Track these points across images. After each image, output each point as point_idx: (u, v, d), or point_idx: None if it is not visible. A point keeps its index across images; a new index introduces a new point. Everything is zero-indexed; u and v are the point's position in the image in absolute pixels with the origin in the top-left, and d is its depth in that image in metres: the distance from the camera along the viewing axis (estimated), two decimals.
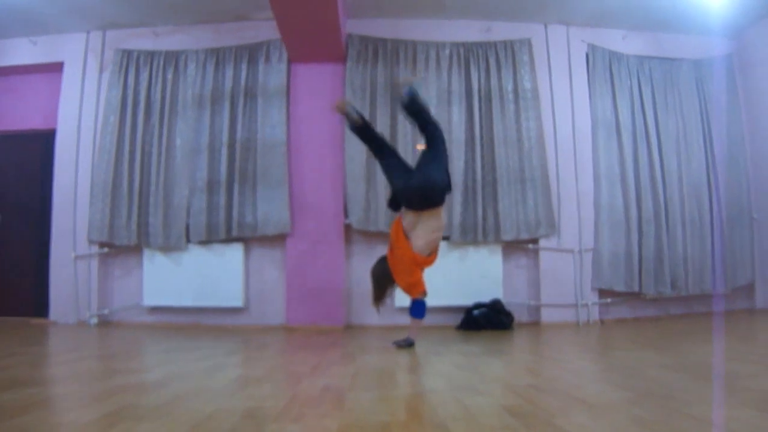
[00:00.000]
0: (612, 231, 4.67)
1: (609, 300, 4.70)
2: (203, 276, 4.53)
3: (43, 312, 4.71)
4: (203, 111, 4.66)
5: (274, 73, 4.65)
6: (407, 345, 3.09)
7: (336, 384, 2.02)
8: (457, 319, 4.39)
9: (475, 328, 4.23)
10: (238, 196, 4.54)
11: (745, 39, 5.10)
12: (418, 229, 3.05)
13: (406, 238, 3.09)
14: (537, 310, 4.65)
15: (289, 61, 4.66)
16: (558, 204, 4.68)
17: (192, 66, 4.74)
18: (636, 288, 4.66)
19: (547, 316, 4.60)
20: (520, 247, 4.67)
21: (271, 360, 2.72)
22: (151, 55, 4.79)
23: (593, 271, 4.65)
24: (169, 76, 4.75)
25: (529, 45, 4.76)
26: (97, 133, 4.74)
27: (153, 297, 4.58)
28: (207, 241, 4.56)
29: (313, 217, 4.53)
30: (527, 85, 4.68)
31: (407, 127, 4.53)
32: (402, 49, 4.67)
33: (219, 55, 4.74)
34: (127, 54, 4.80)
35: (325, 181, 4.57)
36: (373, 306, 3.26)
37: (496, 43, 4.73)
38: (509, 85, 4.67)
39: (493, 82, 4.66)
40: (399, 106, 3.45)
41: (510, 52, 4.72)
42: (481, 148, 4.60)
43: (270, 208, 4.49)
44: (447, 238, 4.48)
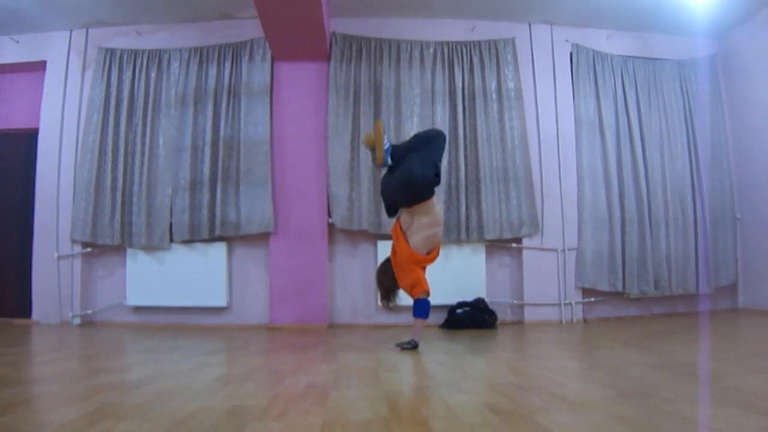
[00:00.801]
0: (595, 230, 4.69)
1: (592, 299, 4.72)
2: (186, 275, 4.52)
3: (26, 312, 4.68)
4: (186, 110, 4.64)
5: (257, 72, 4.63)
6: (411, 347, 2.98)
7: (319, 382, 2.02)
8: (440, 317, 4.39)
9: (458, 326, 4.24)
10: (221, 195, 4.52)
11: (729, 40, 5.13)
12: (414, 226, 3.03)
13: (405, 238, 3.06)
14: (520, 309, 4.66)
15: (273, 60, 4.65)
16: (541, 203, 4.69)
17: (175, 64, 4.72)
18: (619, 287, 4.68)
19: (530, 315, 4.61)
20: (504, 246, 4.68)
21: (254, 359, 2.72)
22: (135, 53, 4.77)
23: (576, 271, 4.67)
24: (153, 75, 4.73)
25: (513, 44, 4.76)
26: (80, 132, 4.71)
27: (136, 297, 4.56)
28: (190, 240, 4.54)
29: (296, 216, 4.52)
30: (511, 84, 4.69)
31: (390, 127, 4.52)
32: (386, 48, 4.67)
33: (202, 54, 4.72)
34: (110, 52, 4.77)
35: (309, 180, 4.56)
36: (382, 306, 3.25)
37: (480, 43, 4.73)
38: (493, 85, 4.67)
39: (477, 81, 4.66)
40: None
41: (494, 52, 4.73)
42: (465, 148, 4.60)
43: (253, 207, 4.48)
44: None
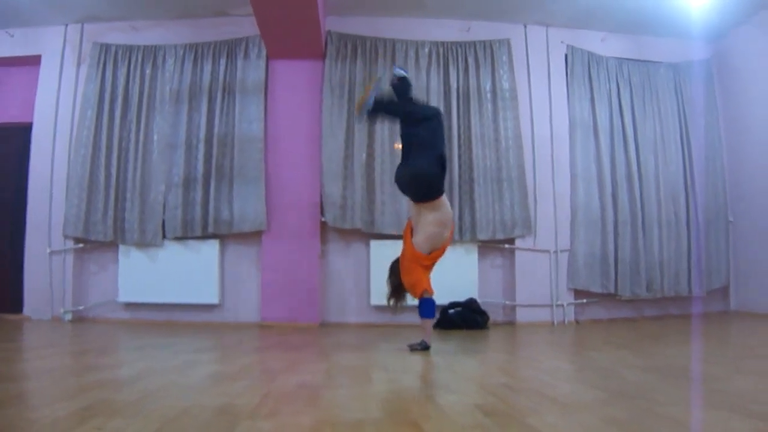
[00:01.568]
0: (588, 232, 4.69)
1: (584, 300, 4.72)
2: (179, 272, 4.51)
3: (18, 307, 4.67)
4: (181, 106, 4.64)
5: (252, 69, 4.63)
6: (422, 348, 2.91)
7: (310, 381, 2.02)
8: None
9: (450, 327, 4.24)
10: (214, 193, 4.51)
11: (724, 44, 5.14)
12: (420, 223, 2.98)
13: (411, 236, 3.02)
14: (512, 309, 4.66)
15: (268, 58, 4.64)
16: (534, 204, 4.69)
17: (170, 61, 4.72)
18: (611, 289, 4.68)
19: (522, 315, 4.61)
20: (496, 246, 4.68)
21: (245, 357, 2.72)
22: (130, 49, 4.76)
23: (569, 272, 4.67)
24: (147, 71, 4.72)
25: (509, 45, 4.77)
26: (74, 127, 4.70)
27: (128, 293, 4.55)
28: (183, 237, 4.54)
29: (289, 215, 4.52)
30: (506, 85, 4.69)
31: (384, 126, 4.52)
32: (381, 47, 4.67)
33: (197, 51, 4.72)
34: (106, 48, 4.76)
35: (302, 178, 4.55)
36: (388, 305, 3.18)
37: (475, 43, 4.73)
38: (488, 85, 4.67)
39: (472, 81, 4.66)
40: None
41: (489, 52, 4.73)
42: (459, 148, 4.60)
43: (246, 205, 4.48)
44: None
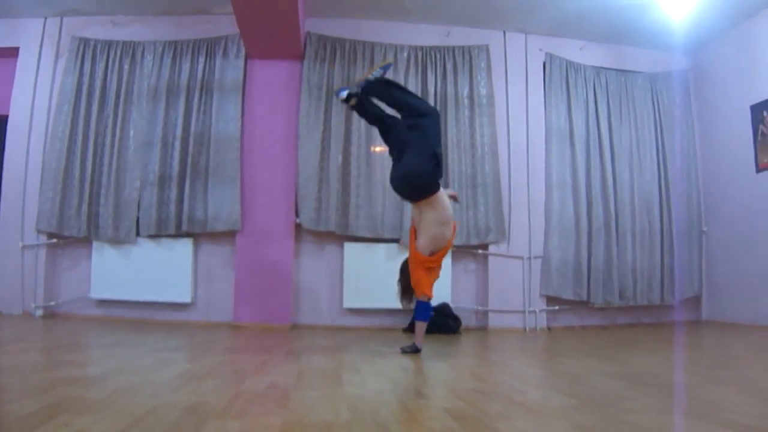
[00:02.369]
0: (562, 239, 4.72)
1: (557, 307, 4.75)
2: (152, 270, 4.49)
3: None
4: (158, 103, 4.61)
5: (231, 69, 4.62)
6: (411, 351, 2.90)
7: (281, 382, 2.02)
8: (404, 321, 4.40)
9: None
10: (189, 191, 4.50)
11: (702, 56, 5.19)
12: (421, 224, 2.96)
13: (415, 236, 3.01)
14: (485, 315, 4.68)
15: (247, 57, 4.63)
16: (509, 210, 4.71)
17: (149, 57, 4.69)
18: (584, 296, 4.72)
19: (494, 321, 4.63)
20: (470, 252, 4.70)
21: (216, 356, 2.71)
22: (109, 44, 4.73)
23: (542, 279, 4.70)
24: (126, 67, 4.69)
25: (487, 51, 4.79)
26: (50, 120, 4.66)
27: (101, 290, 4.52)
28: (157, 235, 4.51)
29: (263, 215, 4.51)
30: (483, 91, 4.71)
31: (361, 129, 4.53)
32: (360, 50, 4.67)
33: (177, 48, 4.70)
34: (84, 42, 4.73)
35: (277, 179, 4.55)
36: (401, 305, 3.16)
37: (454, 48, 4.75)
38: (465, 91, 4.69)
39: (450, 87, 4.68)
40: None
41: (467, 58, 4.75)
42: None
43: (221, 204, 4.47)
44: (397, 240, 4.50)
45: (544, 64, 4.91)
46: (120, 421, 1.38)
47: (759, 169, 4.60)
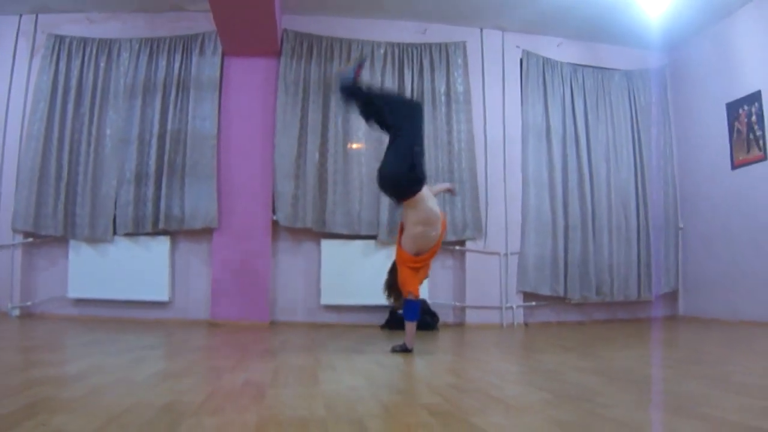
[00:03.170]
0: (538, 235, 4.75)
1: (533, 303, 4.79)
2: (129, 269, 4.47)
3: None
4: (135, 101, 4.59)
5: (207, 66, 4.60)
6: (401, 350, 2.87)
7: (257, 379, 2.02)
8: (381, 318, 4.42)
9: (399, 327, 4.20)
10: (166, 189, 4.48)
11: (678, 53, 5.22)
12: (406, 223, 2.96)
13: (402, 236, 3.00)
14: (462, 311, 4.71)
15: (223, 54, 4.62)
16: (486, 207, 4.73)
17: (125, 55, 4.67)
18: (561, 292, 4.75)
19: (471, 317, 4.66)
20: (447, 248, 4.71)
21: (193, 354, 2.71)
22: (84, 41, 4.69)
23: (518, 275, 4.73)
24: (102, 64, 4.66)
25: (464, 48, 4.80)
26: (25, 119, 4.62)
27: (78, 289, 4.49)
28: (134, 233, 4.50)
29: (240, 213, 4.51)
30: (460, 88, 4.72)
31: (338, 126, 4.53)
32: (337, 47, 4.67)
33: (153, 45, 4.67)
34: (60, 39, 4.69)
35: (254, 176, 4.55)
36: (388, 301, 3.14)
37: (431, 45, 4.76)
38: (442, 87, 4.70)
39: (426, 83, 4.69)
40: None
41: (444, 55, 4.76)
42: None
43: (198, 202, 4.46)
44: (374, 237, 4.51)
45: (521, 61, 4.93)
46: (96, 419, 1.38)
47: (734, 166, 4.64)
